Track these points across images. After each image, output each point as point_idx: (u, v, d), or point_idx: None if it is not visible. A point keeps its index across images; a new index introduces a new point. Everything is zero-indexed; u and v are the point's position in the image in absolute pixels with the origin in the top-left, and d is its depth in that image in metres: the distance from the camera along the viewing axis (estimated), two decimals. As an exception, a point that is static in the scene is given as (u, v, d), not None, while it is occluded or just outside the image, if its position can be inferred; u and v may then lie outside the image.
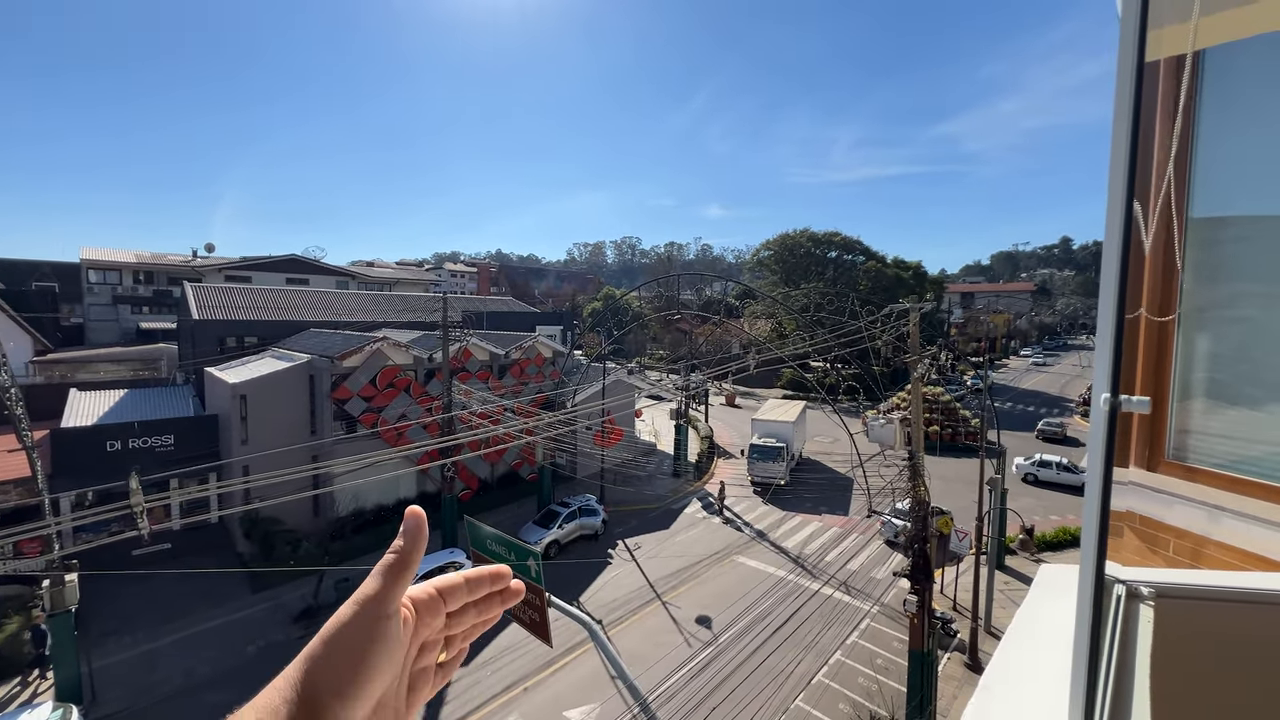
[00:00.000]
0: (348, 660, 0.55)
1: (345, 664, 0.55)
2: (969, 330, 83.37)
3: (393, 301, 38.64)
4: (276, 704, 0.53)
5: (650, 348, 69.31)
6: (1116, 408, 0.75)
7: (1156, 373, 2.62)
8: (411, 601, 0.63)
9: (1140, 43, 0.67)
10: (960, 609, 19.32)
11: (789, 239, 65.93)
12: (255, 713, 0.52)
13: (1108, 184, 0.76)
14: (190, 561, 19.80)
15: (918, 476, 13.60)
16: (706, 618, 18.39)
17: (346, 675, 0.54)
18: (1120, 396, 0.75)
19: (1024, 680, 1.17)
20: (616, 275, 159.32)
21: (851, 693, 15.31)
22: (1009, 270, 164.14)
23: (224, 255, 52.17)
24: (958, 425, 38.17)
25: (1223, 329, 2.51)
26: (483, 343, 27.25)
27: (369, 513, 22.87)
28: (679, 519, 26.47)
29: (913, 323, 14.83)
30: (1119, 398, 0.75)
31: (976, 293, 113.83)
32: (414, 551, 0.60)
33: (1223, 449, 2.44)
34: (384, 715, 0.60)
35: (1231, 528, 2.20)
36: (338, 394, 22.53)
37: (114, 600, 17.97)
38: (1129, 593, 1.47)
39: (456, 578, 0.66)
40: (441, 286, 66.47)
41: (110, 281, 44.61)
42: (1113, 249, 0.72)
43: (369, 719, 0.57)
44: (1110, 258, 0.73)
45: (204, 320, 27.80)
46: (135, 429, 20.67)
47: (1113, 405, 0.75)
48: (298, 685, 0.54)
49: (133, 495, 8.74)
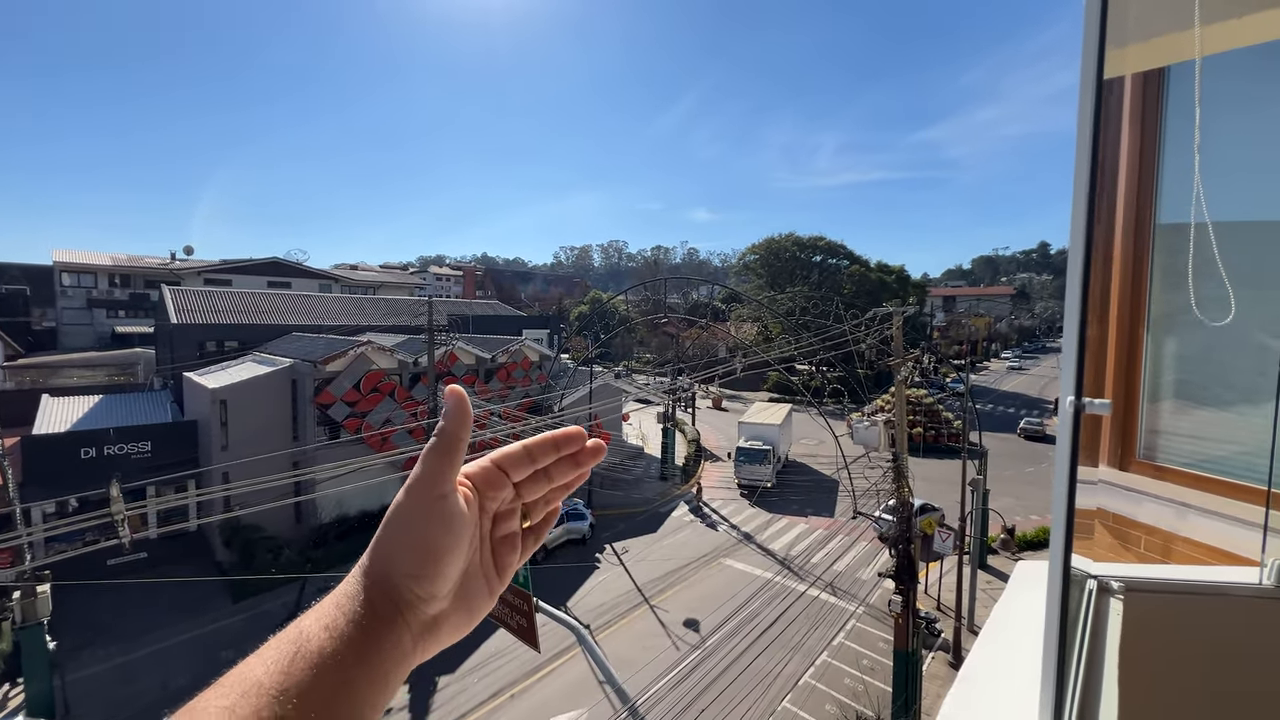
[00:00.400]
0: (412, 542, 0.55)
1: (410, 546, 0.55)
2: (951, 333, 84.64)
3: (377, 305, 38.23)
4: (355, 590, 0.54)
5: (637, 351, 69.37)
6: (1080, 409, 0.79)
7: (1128, 375, 2.71)
8: (468, 478, 0.61)
9: (1099, 60, 0.72)
10: (944, 608, 19.56)
11: (774, 243, 66.52)
12: (335, 599, 0.54)
13: (1072, 195, 0.80)
14: (168, 571, 19.36)
15: (902, 478, 13.78)
16: (694, 620, 18.41)
17: (415, 557, 0.55)
18: (1084, 399, 0.80)
19: (1001, 672, 1.21)
20: (603, 279, 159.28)
21: (838, 693, 15.41)
22: (989, 274, 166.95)
23: (203, 258, 51.24)
24: (940, 427, 38.70)
25: (1189, 333, 2.60)
26: (469, 347, 27.07)
27: (353, 519, 22.56)
28: (666, 522, 26.49)
29: (896, 326, 15.05)
30: (1082, 400, 0.80)
31: (958, 296, 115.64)
32: (459, 430, 0.58)
33: (1190, 448, 2.53)
34: (473, 584, 0.60)
35: (1198, 524, 2.28)
36: (321, 399, 22.23)
37: (88, 612, 17.52)
38: (1100, 587, 1.53)
39: (516, 448, 0.63)
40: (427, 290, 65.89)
41: (85, 285, 43.58)
42: (1077, 258, 0.77)
43: (459, 588, 0.58)
44: (1074, 266, 0.77)
45: (183, 324, 27.27)
46: (110, 435, 20.20)
47: (1077, 407, 0.79)
48: (371, 571, 0.55)
49: (113, 503, 8.55)
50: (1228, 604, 1.45)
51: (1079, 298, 0.76)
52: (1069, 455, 0.80)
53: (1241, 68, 2.24)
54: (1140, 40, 1.72)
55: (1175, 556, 2.44)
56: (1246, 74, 2.23)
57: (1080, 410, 0.79)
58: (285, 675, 0.46)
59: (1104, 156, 1.50)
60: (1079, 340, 0.77)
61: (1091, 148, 0.73)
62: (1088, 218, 0.74)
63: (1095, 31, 0.73)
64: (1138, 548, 2.64)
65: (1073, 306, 0.77)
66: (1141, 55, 1.81)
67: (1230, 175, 2.40)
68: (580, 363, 32.93)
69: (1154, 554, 2.55)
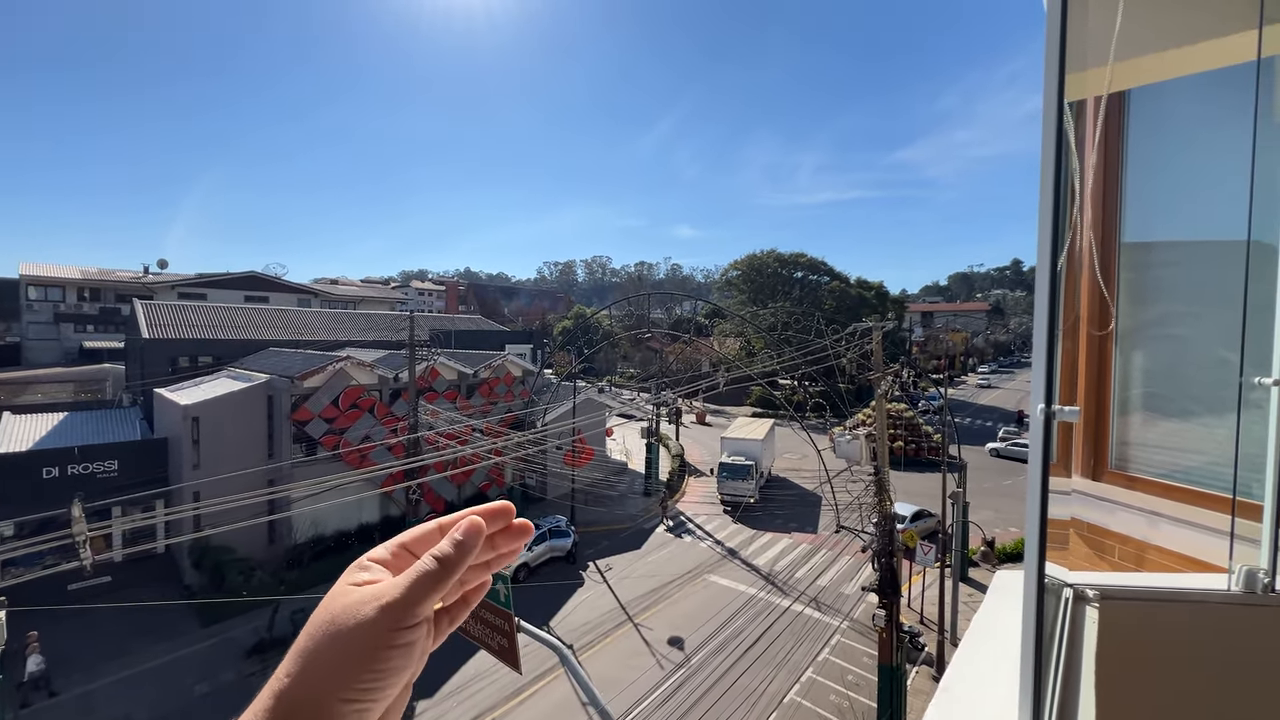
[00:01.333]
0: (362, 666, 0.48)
1: (359, 669, 0.48)
2: (929, 348, 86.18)
3: (357, 320, 37.76)
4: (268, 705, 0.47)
5: (621, 366, 69.35)
6: (1051, 416, 0.82)
7: (1098, 388, 2.78)
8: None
9: (1060, 85, 0.76)
10: (927, 622, 19.63)
11: (756, 259, 67.39)
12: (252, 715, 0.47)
13: (1038, 215, 0.84)
14: (133, 595, 18.61)
15: (883, 491, 13.89)
16: (679, 638, 18.21)
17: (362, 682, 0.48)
18: (1054, 406, 0.82)
19: (980, 682, 1.22)
20: (587, 294, 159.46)
21: (823, 710, 15.31)
22: (965, 290, 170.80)
23: (178, 272, 50.25)
24: (921, 440, 39.19)
25: (1156, 346, 2.69)
26: (451, 362, 26.82)
27: (329, 539, 22.02)
28: (650, 538, 26.28)
29: (876, 341, 15.28)
30: (1053, 408, 0.82)
31: (935, 312, 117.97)
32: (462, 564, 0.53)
33: (1159, 459, 2.60)
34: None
35: (1169, 533, 2.33)
36: (298, 415, 21.78)
37: (48, 639, 16.73)
38: (1076, 595, 1.55)
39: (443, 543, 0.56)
40: (409, 305, 65.33)
41: (52, 299, 42.39)
42: (1043, 275, 0.80)
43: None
44: (1041, 283, 0.80)
45: (155, 339, 26.60)
46: (75, 454, 19.51)
47: (1047, 414, 0.82)
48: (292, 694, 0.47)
49: (74, 524, 8.23)
50: (1198, 611, 1.48)
51: (1047, 309, 0.79)
52: (1041, 461, 0.83)
53: (1198, 92, 2.35)
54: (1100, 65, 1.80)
55: (1148, 565, 2.50)
56: (1203, 98, 2.34)
57: (1051, 417, 0.82)
58: None
59: (1070, 176, 1.56)
60: (1048, 350, 0.80)
61: (1055, 169, 0.77)
62: (1053, 236, 0.77)
63: (1055, 58, 0.77)
64: (1112, 556, 2.69)
65: (1040, 318, 0.79)
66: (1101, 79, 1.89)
67: (1190, 195, 2.50)
68: (564, 378, 32.78)
69: (1128, 563, 2.60)
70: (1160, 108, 2.45)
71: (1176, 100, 2.44)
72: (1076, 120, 2.28)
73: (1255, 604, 1.45)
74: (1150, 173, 2.50)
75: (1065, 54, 0.75)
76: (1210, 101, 2.17)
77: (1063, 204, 0.95)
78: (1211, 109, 2.18)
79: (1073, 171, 1.61)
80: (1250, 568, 1.49)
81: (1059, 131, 0.76)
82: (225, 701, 14.89)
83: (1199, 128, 2.29)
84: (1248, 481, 1.56)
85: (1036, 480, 0.85)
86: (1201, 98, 2.23)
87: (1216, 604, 1.47)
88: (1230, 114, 1.96)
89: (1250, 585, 1.49)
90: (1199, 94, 2.21)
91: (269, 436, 21.98)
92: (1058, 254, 0.76)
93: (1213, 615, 1.46)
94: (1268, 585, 1.48)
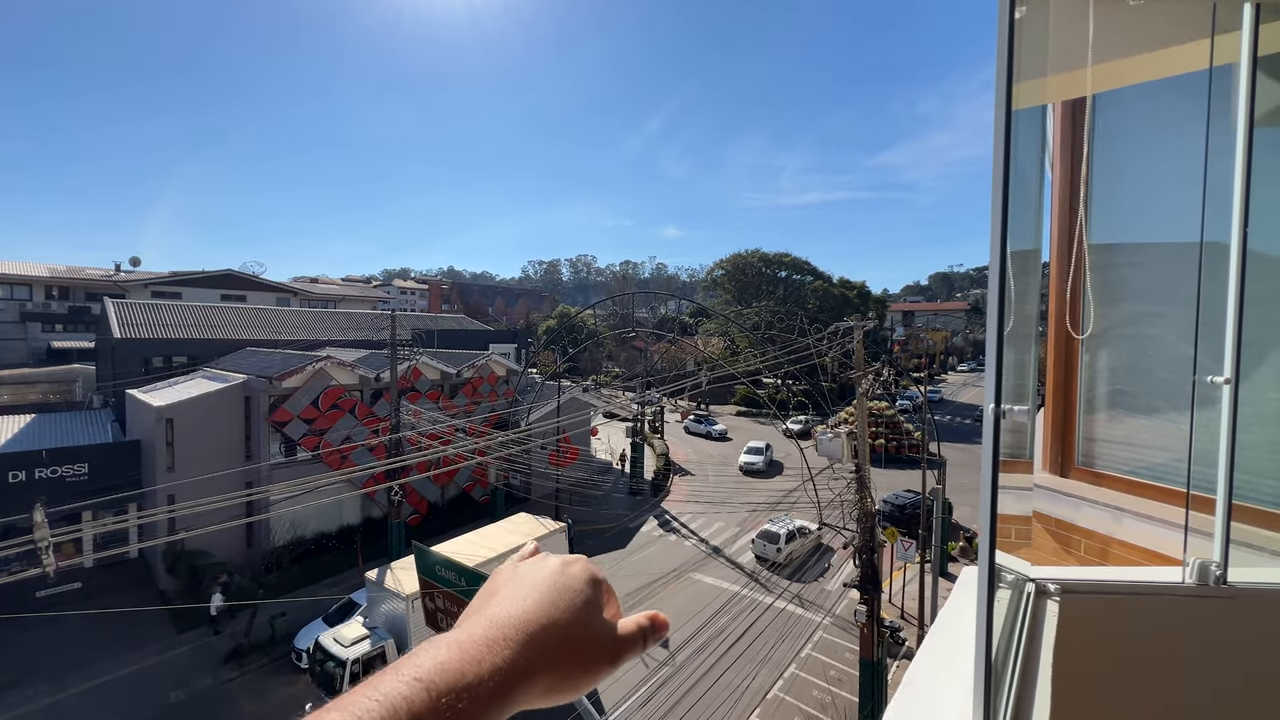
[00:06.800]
0: (581, 682, 0.55)
1: (577, 682, 0.55)
2: (910, 347, 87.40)
3: (338, 319, 37.19)
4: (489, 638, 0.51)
5: (606, 365, 69.26)
6: (1001, 415, 0.84)
7: (1065, 386, 2.85)
8: None
9: (1008, 91, 0.78)
10: (908, 617, 19.92)
11: (741, 259, 67.78)
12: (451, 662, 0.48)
13: (989, 218, 0.86)
14: (105, 601, 18.14)
15: (864, 488, 14.06)
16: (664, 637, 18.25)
17: (570, 689, 0.55)
18: (1004, 406, 0.85)
19: (942, 675, 1.24)
20: (572, 293, 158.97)
21: (806, 705, 15.46)
22: (945, 290, 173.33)
23: (151, 270, 49.03)
24: (901, 438, 39.72)
25: (1121, 345, 2.76)
26: (433, 361, 26.55)
27: (309, 541, 21.66)
28: (635, 537, 26.30)
29: (857, 340, 15.46)
30: (1003, 407, 0.85)
31: (916, 311, 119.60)
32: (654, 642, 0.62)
33: (1124, 455, 2.67)
34: None
35: (1132, 527, 2.40)
36: (276, 416, 21.41)
37: (14, 647, 16.27)
38: (1037, 590, 1.59)
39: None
40: (390, 304, 64.51)
41: (19, 297, 41.11)
42: (994, 278, 0.82)
43: None
44: (993, 285, 0.82)
45: (127, 339, 25.93)
46: (43, 457, 18.97)
47: (997, 413, 0.84)
48: (509, 670, 0.50)
49: (37, 529, 8.00)
50: (1154, 603, 1.52)
51: (996, 311, 0.81)
52: (991, 458, 0.85)
53: (1158, 98, 2.41)
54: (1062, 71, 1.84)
55: (1112, 559, 2.56)
56: (1163, 104, 2.40)
57: (1001, 416, 0.84)
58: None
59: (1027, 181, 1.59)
60: (997, 351, 0.82)
61: (1004, 174, 0.79)
62: (1002, 239, 0.79)
63: (1004, 64, 0.79)
64: (1079, 551, 2.75)
65: (991, 320, 0.81)
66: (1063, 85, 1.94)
67: (1151, 198, 2.57)
68: (548, 377, 32.65)
69: (1093, 557, 2.67)
70: (1123, 113, 2.51)
71: (1137, 105, 2.50)
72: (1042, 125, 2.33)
73: (1208, 595, 1.50)
74: (1114, 176, 2.56)
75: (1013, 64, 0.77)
76: (1168, 107, 2.24)
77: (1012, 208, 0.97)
78: (1169, 114, 2.24)
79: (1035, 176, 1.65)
80: (1203, 560, 1.54)
81: (1008, 136, 0.78)
82: (200, 708, 14.59)
83: (1158, 132, 2.35)
84: (1201, 476, 1.61)
85: (988, 477, 0.87)
86: (1160, 104, 2.29)
87: (1171, 596, 1.51)
88: (1185, 119, 2.02)
89: (1203, 577, 1.53)
90: (1158, 100, 2.27)
91: (246, 438, 21.57)
92: (1006, 258, 0.78)
93: (1168, 607, 1.50)
94: (1219, 577, 1.52)
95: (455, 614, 12.79)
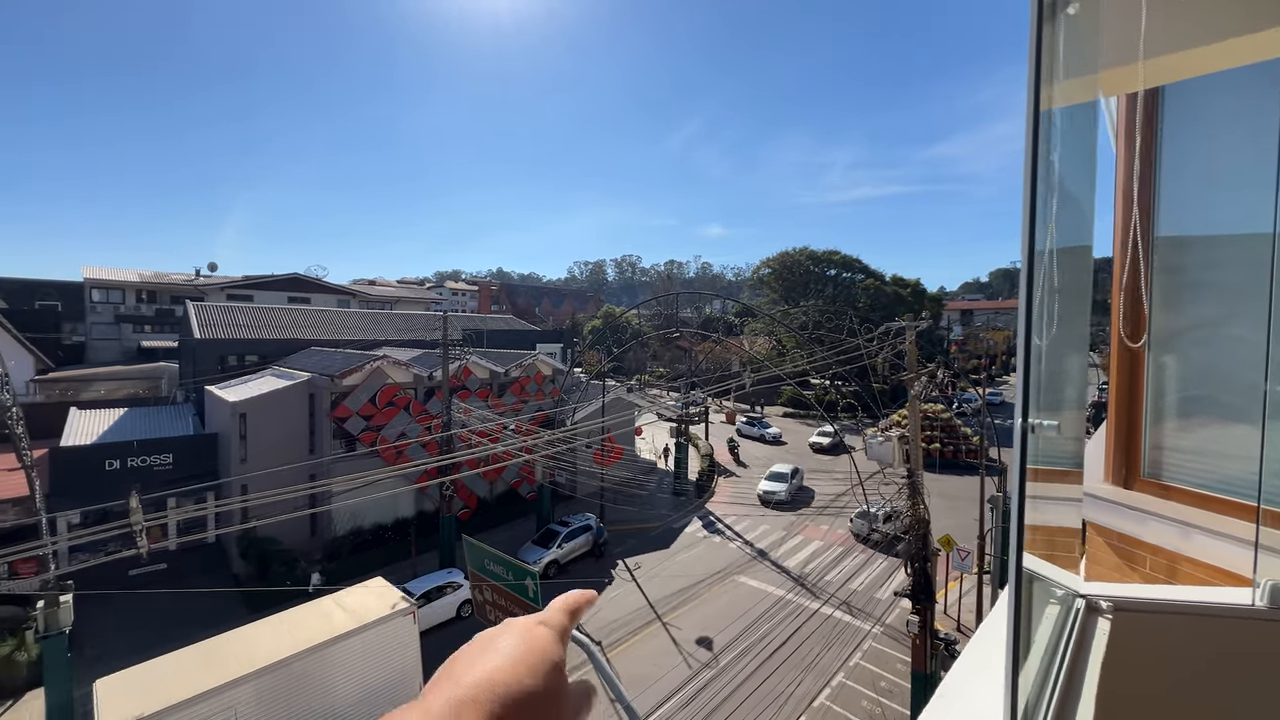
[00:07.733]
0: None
1: None
2: (969, 347, 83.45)
3: (393, 320, 38.85)
4: None
5: (650, 365, 69.41)
6: (1028, 430, 0.81)
7: (1130, 393, 2.68)
8: None
9: (1036, 88, 0.75)
10: (964, 630, 19.07)
11: (789, 257, 66.45)
12: None
13: (1021, 219, 0.83)
14: (186, 582, 19.61)
15: (916, 494, 13.57)
16: (707, 638, 18.16)
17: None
18: (1031, 420, 0.82)
19: (977, 686, 1.21)
20: (617, 293, 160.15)
21: (854, 716, 15.05)
22: (1007, 287, 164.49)
23: (226, 274, 52.56)
24: (958, 442, 38.02)
25: (1191, 349, 2.57)
26: (483, 361, 27.33)
27: (367, 532, 22.74)
28: (680, 538, 26.26)
29: (909, 340, 14.92)
30: (1030, 420, 0.82)
31: (975, 310, 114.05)
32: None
33: (1194, 466, 2.49)
34: None
35: (1202, 544, 2.23)
36: (337, 412, 22.55)
37: (109, 621, 17.79)
38: (1088, 606, 1.52)
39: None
40: (442, 305, 66.81)
41: (113, 300, 44.91)
42: (1024, 282, 0.79)
43: None
44: (1022, 291, 0.80)
45: (205, 339, 27.95)
46: (134, 448, 20.66)
47: (1024, 427, 0.81)
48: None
49: (132, 514, 8.75)
50: (1217, 626, 1.43)
51: (1024, 318, 0.78)
52: (1019, 470, 0.82)
53: (1236, 86, 2.24)
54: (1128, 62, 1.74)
55: (1181, 577, 2.40)
56: (1240, 92, 2.24)
57: (1028, 430, 0.81)
58: None
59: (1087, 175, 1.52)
60: (1025, 361, 0.79)
61: (1032, 174, 0.76)
62: (1030, 241, 0.77)
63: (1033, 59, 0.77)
64: (1144, 567, 2.59)
65: (1020, 328, 0.79)
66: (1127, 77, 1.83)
67: (1227, 188, 2.39)
68: (593, 377, 33.03)
69: (1160, 574, 2.50)
70: (1196, 103, 2.35)
71: (1215, 95, 2.33)
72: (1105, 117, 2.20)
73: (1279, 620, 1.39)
74: (1185, 172, 2.40)
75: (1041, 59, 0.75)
76: (1245, 96, 2.07)
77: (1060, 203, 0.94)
78: (1246, 103, 2.08)
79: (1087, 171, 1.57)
80: (1275, 581, 1.43)
81: (1035, 134, 0.75)
82: (269, 686, 15.52)
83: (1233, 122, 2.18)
84: (1275, 490, 1.49)
85: (1016, 488, 0.84)
86: (1239, 92, 2.13)
87: (1237, 619, 1.41)
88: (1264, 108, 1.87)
89: (1275, 600, 1.43)
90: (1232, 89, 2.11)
91: (310, 432, 22.82)
92: (1033, 266, 0.76)
93: (1233, 631, 1.40)
94: (1294, 601, 1.41)
95: (504, 607, 13.15)
